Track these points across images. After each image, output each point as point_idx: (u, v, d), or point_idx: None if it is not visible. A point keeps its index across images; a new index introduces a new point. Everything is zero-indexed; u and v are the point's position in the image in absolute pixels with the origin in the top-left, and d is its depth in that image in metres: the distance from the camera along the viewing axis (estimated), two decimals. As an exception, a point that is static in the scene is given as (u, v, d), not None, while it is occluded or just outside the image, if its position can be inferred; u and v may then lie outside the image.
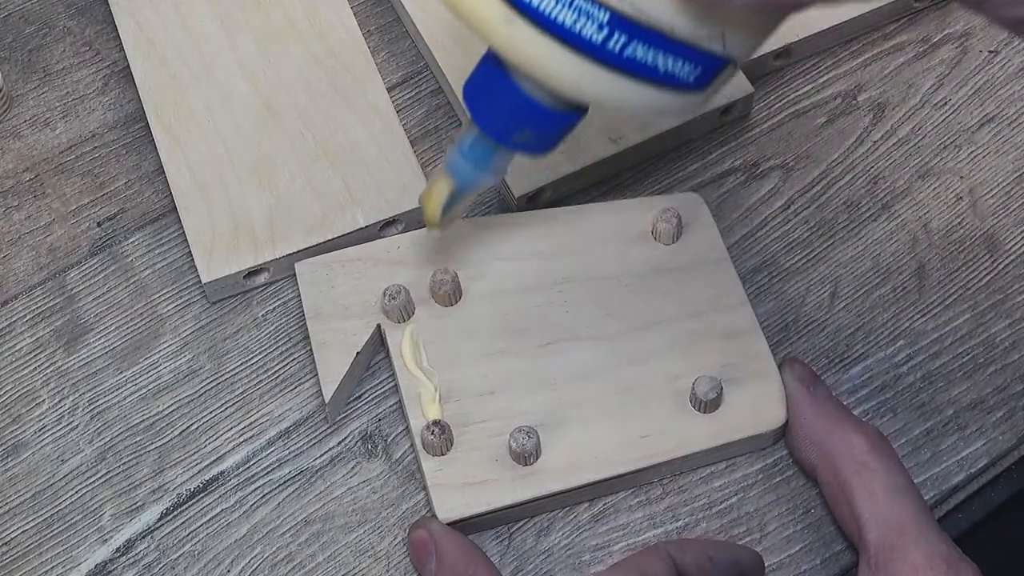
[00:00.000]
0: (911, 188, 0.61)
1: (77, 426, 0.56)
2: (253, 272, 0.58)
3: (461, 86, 0.61)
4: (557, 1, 0.41)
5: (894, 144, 0.62)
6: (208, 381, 0.57)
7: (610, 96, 0.43)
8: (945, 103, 0.63)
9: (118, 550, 0.53)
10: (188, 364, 0.57)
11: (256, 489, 0.54)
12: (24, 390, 0.57)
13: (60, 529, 0.54)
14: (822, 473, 0.51)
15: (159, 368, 0.57)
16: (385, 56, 0.65)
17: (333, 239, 0.58)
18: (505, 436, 0.52)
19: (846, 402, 0.56)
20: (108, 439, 0.55)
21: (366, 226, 0.58)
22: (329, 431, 0.56)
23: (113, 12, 0.65)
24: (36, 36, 0.66)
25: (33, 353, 0.58)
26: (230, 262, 0.58)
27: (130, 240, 0.60)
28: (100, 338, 0.58)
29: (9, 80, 0.65)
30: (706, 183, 0.61)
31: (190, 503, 0.54)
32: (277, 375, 0.57)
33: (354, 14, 0.65)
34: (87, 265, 0.60)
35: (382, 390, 0.56)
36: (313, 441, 0.55)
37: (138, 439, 0.56)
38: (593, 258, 0.57)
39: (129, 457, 0.55)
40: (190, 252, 0.58)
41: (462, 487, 0.52)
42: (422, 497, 0.54)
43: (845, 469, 0.50)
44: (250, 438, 0.55)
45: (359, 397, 0.56)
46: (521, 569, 0.53)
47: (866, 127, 0.63)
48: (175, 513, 0.54)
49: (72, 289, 0.59)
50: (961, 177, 0.61)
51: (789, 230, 0.60)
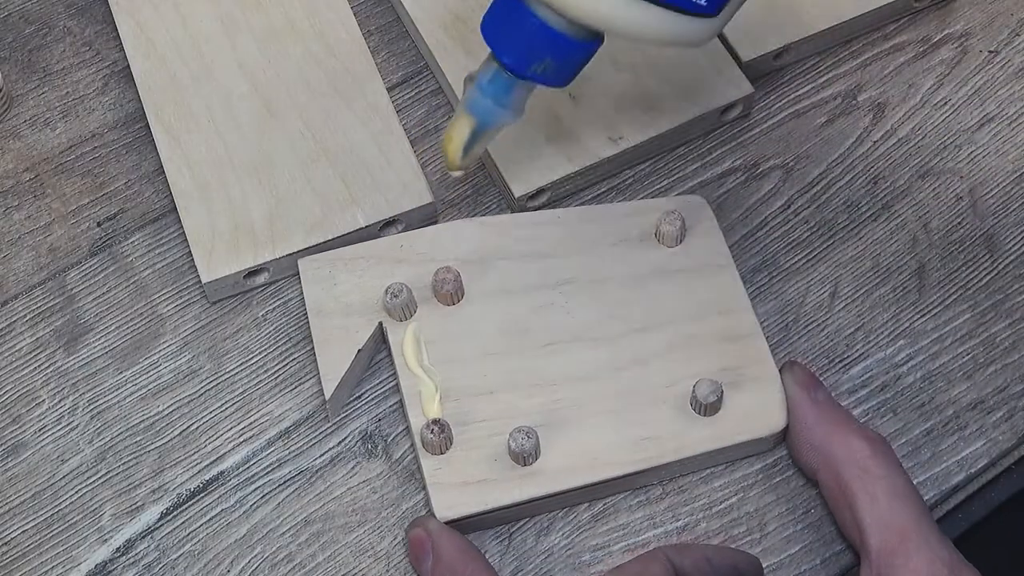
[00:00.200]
0: (911, 188, 0.61)
1: (77, 426, 0.56)
2: (253, 272, 0.58)
3: (461, 86, 0.62)
4: None
5: (894, 144, 0.62)
6: (208, 381, 0.57)
7: (626, 21, 0.44)
8: (945, 103, 0.63)
9: (118, 550, 0.53)
10: (188, 364, 0.57)
11: (256, 489, 0.54)
12: (24, 390, 0.57)
13: (60, 529, 0.54)
14: (823, 478, 0.51)
15: (159, 368, 0.57)
16: (385, 56, 0.65)
17: (333, 239, 0.58)
18: (505, 436, 0.52)
19: (846, 402, 0.56)
20: (108, 439, 0.55)
21: (366, 226, 0.58)
22: (329, 431, 0.56)
23: (113, 12, 0.65)
24: (36, 36, 0.66)
25: (33, 353, 0.58)
26: (230, 262, 0.58)
27: (130, 240, 0.60)
28: (100, 338, 0.58)
29: (9, 80, 0.65)
30: (706, 183, 0.61)
31: (190, 503, 0.54)
32: (277, 375, 0.57)
33: (354, 14, 0.65)
34: (87, 265, 0.60)
35: (382, 390, 0.56)
36: (313, 441, 0.55)
37: (138, 439, 0.56)
38: (596, 259, 0.57)
39: (129, 457, 0.55)
40: (190, 252, 0.58)
41: (461, 486, 0.52)
42: (422, 497, 0.54)
43: (846, 473, 0.50)
44: (250, 438, 0.55)
45: (359, 397, 0.56)
46: (521, 569, 0.53)
47: (866, 127, 0.63)
48: (175, 513, 0.54)
49: (72, 289, 0.59)
50: (961, 177, 0.61)
51: (789, 230, 0.60)
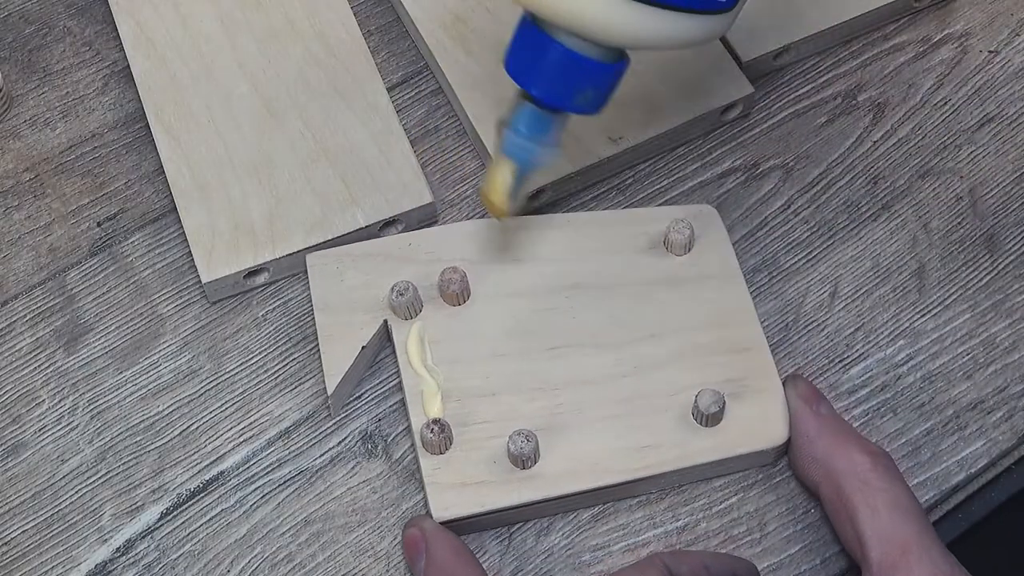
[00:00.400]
0: (911, 188, 0.61)
1: (77, 426, 0.56)
2: (253, 272, 0.58)
3: (461, 86, 0.62)
4: None
5: (894, 144, 0.62)
6: (208, 381, 0.57)
7: (656, 32, 0.46)
8: (945, 103, 0.63)
9: (118, 550, 0.53)
10: (188, 364, 0.57)
11: (256, 489, 0.54)
12: (24, 390, 0.57)
13: (60, 529, 0.54)
14: (825, 491, 0.51)
15: (159, 368, 0.57)
16: (385, 56, 0.65)
17: (333, 239, 0.58)
18: (505, 438, 0.52)
19: (846, 402, 0.56)
20: (108, 439, 0.55)
21: (366, 226, 0.58)
22: (329, 431, 0.56)
23: (113, 12, 0.65)
24: (36, 36, 0.66)
25: (33, 353, 0.58)
26: (230, 262, 0.58)
27: (130, 240, 0.60)
28: (100, 338, 0.58)
29: (9, 80, 0.65)
30: (706, 183, 0.61)
31: (190, 503, 0.54)
32: (277, 375, 0.57)
33: (354, 14, 0.65)
34: (87, 265, 0.60)
35: (383, 390, 0.56)
36: (313, 441, 0.55)
37: (138, 439, 0.56)
38: (603, 265, 0.57)
39: (129, 457, 0.55)
40: (190, 252, 0.58)
41: (459, 487, 0.52)
42: (422, 497, 0.54)
43: (848, 486, 0.49)
44: (250, 438, 0.55)
45: (359, 397, 0.56)
46: (521, 569, 0.53)
47: (866, 127, 0.63)
48: (175, 513, 0.54)
49: (72, 289, 0.59)
50: (961, 177, 0.61)
51: (789, 230, 0.60)
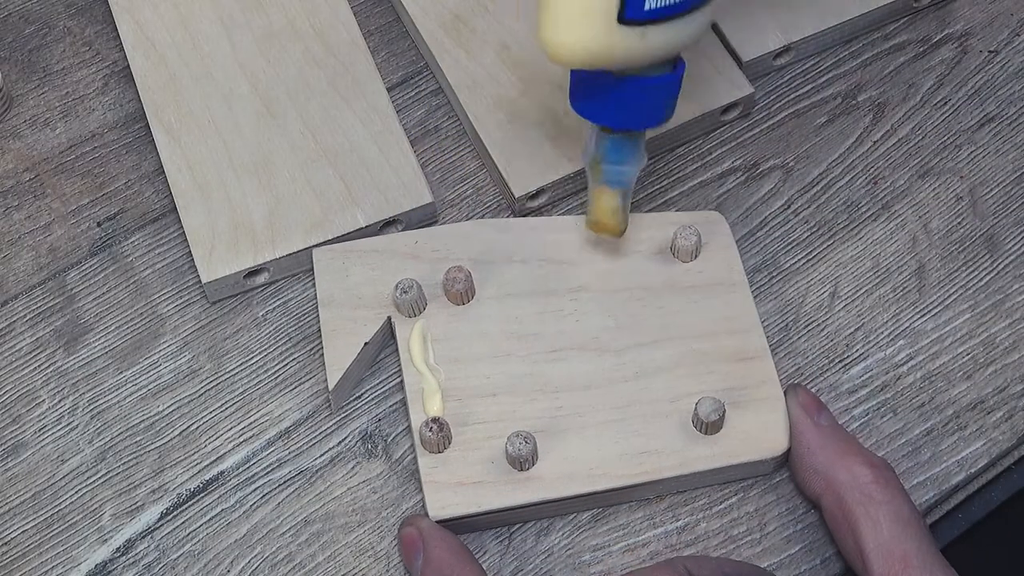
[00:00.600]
0: (911, 188, 0.61)
1: (77, 426, 0.56)
2: (253, 272, 0.58)
3: (461, 86, 0.62)
4: None
5: (894, 144, 0.62)
6: (208, 381, 0.57)
7: (664, 45, 0.49)
8: (945, 103, 0.63)
9: (118, 550, 0.53)
10: (188, 364, 0.57)
11: (256, 489, 0.54)
12: (24, 390, 0.57)
13: (60, 529, 0.54)
14: (826, 503, 0.51)
15: (159, 368, 0.57)
16: (385, 56, 0.65)
17: (333, 239, 0.58)
18: (503, 439, 0.52)
19: (846, 402, 0.56)
20: (108, 439, 0.55)
21: (366, 226, 0.58)
22: (329, 431, 0.56)
23: (113, 12, 0.65)
24: (36, 36, 0.66)
25: (33, 353, 0.58)
26: (230, 262, 0.58)
27: (130, 240, 0.60)
28: (100, 338, 0.58)
29: (9, 80, 0.65)
30: (706, 183, 0.61)
31: (190, 503, 0.54)
32: (277, 375, 0.57)
33: (354, 14, 0.65)
34: (87, 265, 0.60)
35: (383, 389, 0.56)
36: (313, 441, 0.55)
37: (138, 439, 0.56)
38: (608, 269, 0.57)
39: (129, 457, 0.55)
40: (190, 252, 0.58)
41: (456, 486, 0.52)
42: (422, 497, 0.54)
43: (849, 499, 0.49)
44: (250, 438, 0.55)
45: (359, 397, 0.56)
46: (521, 569, 0.53)
47: (866, 127, 0.63)
48: (175, 513, 0.54)
49: (72, 289, 0.59)
50: (961, 177, 0.61)
51: (789, 230, 0.60)
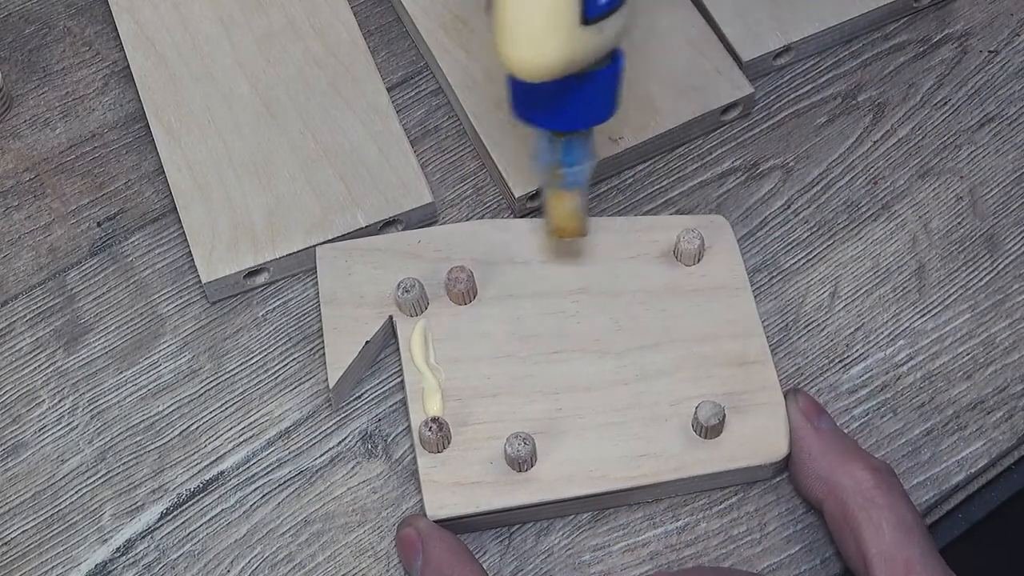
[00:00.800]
0: (911, 188, 0.61)
1: (77, 426, 0.56)
2: (253, 272, 0.58)
3: (461, 86, 0.62)
4: None
5: (894, 144, 0.62)
6: (208, 381, 0.57)
7: (631, 13, 0.48)
8: (945, 103, 0.63)
9: (118, 550, 0.53)
10: (188, 364, 0.57)
11: (256, 489, 0.54)
12: (24, 390, 0.57)
13: (60, 529, 0.54)
14: (828, 508, 0.51)
15: (159, 368, 0.57)
16: (385, 56, 0.65)
17: (333, 239, 0.58)
18: (502, 440, 0.52)
19: (846, 402, 0.56)
20: (108, 439, 0.55)
21: (366, 226, 0.58)
22: (329, 431, 0.56)
23: (113, 12, 0.65)
24: (36, 36, 0.66)
25: (33, 353, 0.58)
26: (230, 262, 0.58)
27: (130, 240, 0.60)
28: (100, 338, 0.58)
29: (9, 80, 0.65)
30: (706, 183, 0.61)
31: (190, 503, 0.54)
32: (277, 375, 0.57)
33: (354, 14, 0.65)
34: (87, 265, 0.60)
35: (383, 389, 0.56)
36: (313, 441, 0.55)
37: (138, 439, 0.56)
38: (611, 271, 0.57)
39: (129, 457, 0.55)
40: (190, 252, 0.58)
41: (454, 486, 0.52)
42: (422, 497, 0.54)
43: (851, 504, 0.49)
44: (250, 438, 0.55)
45: (359, 397, 0.56)
46: (521, 569, 0.53)
47: (866, 127, 0.63)
48: (175, 513, 0.54)
49: (72, 289, 0.59)
50: (961, 177, 0.61)
51: (789, 230, 0.60)
